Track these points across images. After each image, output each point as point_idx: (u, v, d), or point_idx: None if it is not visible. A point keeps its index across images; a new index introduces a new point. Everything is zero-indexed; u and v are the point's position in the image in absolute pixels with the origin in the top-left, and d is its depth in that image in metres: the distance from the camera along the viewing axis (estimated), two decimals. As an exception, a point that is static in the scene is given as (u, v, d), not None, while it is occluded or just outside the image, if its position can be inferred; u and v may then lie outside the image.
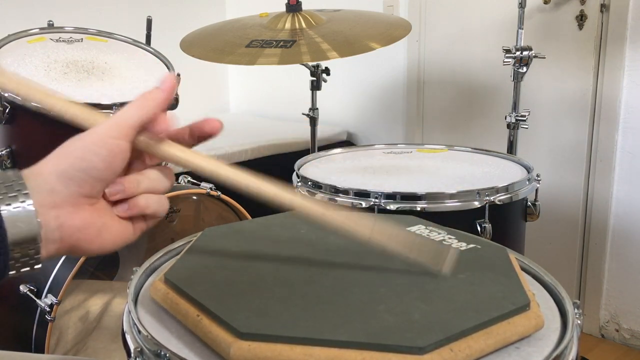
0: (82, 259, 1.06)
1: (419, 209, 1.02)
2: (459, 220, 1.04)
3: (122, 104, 1.09)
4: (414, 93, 2.27)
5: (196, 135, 0.50)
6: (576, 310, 0.54)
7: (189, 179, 1.38)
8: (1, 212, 0.40)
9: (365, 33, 1.37)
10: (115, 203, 0.48)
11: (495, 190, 1.05)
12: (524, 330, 0.49)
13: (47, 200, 0.43)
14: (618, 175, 1.77)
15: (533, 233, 1.83)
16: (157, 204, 0.49)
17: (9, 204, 0.40)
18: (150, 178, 0.49)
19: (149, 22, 1.41)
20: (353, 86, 2.50)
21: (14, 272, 0.42)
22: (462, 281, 0.55)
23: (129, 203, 0.48)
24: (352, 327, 0.46)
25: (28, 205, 0.41)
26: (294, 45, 1.32)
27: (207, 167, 0.49)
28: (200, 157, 0.49)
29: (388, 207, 1.02)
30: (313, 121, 1.65)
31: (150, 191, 0.48)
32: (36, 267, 0.43)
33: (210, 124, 0.49)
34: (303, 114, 1.68)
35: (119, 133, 0.45)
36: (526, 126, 1.44)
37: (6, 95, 1.08)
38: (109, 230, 0.47)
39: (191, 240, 0.68)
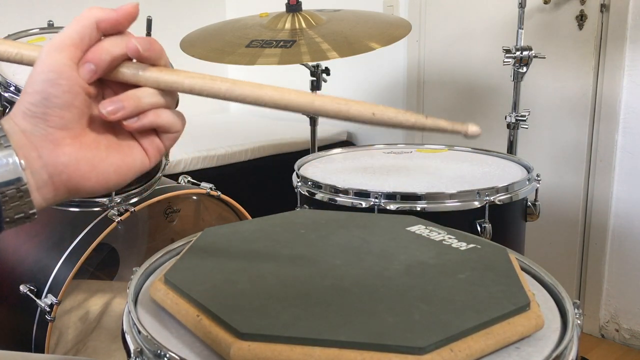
0: (82, 259, 1.06)
1: (419, 209, 1.02)
2: (459, 220, 1.04)
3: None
4: (414, 93, 2.27)
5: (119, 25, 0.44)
6: (576, 310, 0.54)
7: (189, 179, 1.38)
8: None
9: (365, 33, 1.37)
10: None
11: (495, 190, 1.05)
12: (524, 330, 0.49)
13: (23, 142, 0.41)
14: (618, 175, 1.77)
15: (533, 233, 1.83)
16: (170, 116, 0.46)
17: None
18: (152, 92, 0.45)
19: (149, 22, 1.40)
20: (353, 86, 2.49)
21: (8, 219, 0.41)
22: (462, 281, 0.55)
23: (138, 116, 0.44)
24: (352, 327, 0.46)
25: (6, 146, 0.40)
26: (294, 45, 1.32)
27: (203, 86, 0.44)
28: (194, 77, 0.44)
29: (388, 207, 1.02)
30: (313, 121, 1.65)
31: (157, 106, 0.45)
32: (31, 212, 0.42)
33: (120, 13, 0.43)
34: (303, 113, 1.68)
35: (61, 53, 0.42)
36: (526, 126, 1.44)
37: (6, 95, 1.08)
38: (106, 162, 0.44)
39: (191, 240, 0.68)
